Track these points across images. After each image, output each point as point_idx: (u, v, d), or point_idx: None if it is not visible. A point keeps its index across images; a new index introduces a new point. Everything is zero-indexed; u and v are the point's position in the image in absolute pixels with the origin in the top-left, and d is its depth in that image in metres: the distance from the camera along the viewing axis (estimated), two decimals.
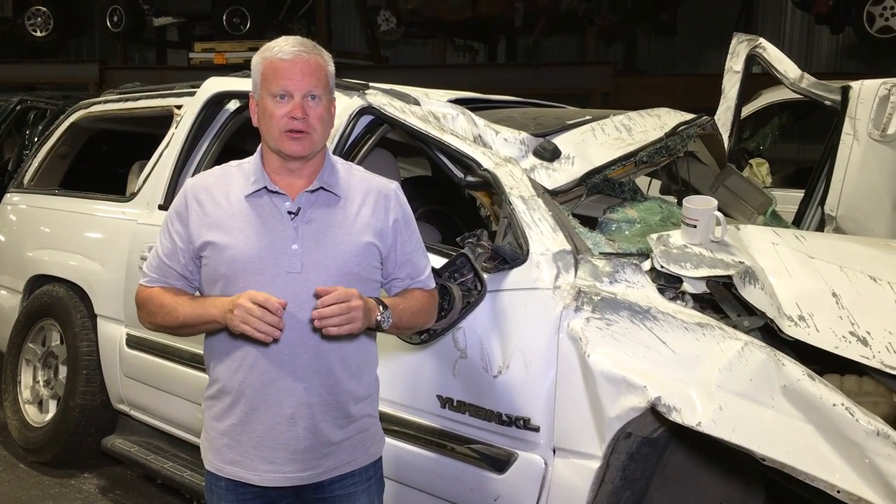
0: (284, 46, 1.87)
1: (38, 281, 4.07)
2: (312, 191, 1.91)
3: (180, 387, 3.25)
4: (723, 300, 2.29)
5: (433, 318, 2.12)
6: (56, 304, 3.87)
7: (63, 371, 3.86)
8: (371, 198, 1.96)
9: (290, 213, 1.89)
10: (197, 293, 1.98)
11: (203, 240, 1.89)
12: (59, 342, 3.93)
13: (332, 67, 1.94)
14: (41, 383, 4.01)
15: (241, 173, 1.95)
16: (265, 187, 1.90)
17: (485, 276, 2.34)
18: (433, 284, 2.09)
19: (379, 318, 1.85)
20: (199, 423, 2.07)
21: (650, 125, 3.19)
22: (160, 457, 3.45)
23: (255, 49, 2.02)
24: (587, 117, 3.12)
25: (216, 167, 2.02)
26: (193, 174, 3.06)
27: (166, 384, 3.35)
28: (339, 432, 1.93)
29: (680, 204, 2.84)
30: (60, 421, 3.75)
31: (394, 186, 2.02)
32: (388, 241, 1.96)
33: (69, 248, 3.90)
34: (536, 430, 2.25)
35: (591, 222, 2.81)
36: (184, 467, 3.32)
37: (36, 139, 6.27)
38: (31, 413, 3.98)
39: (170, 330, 1.97)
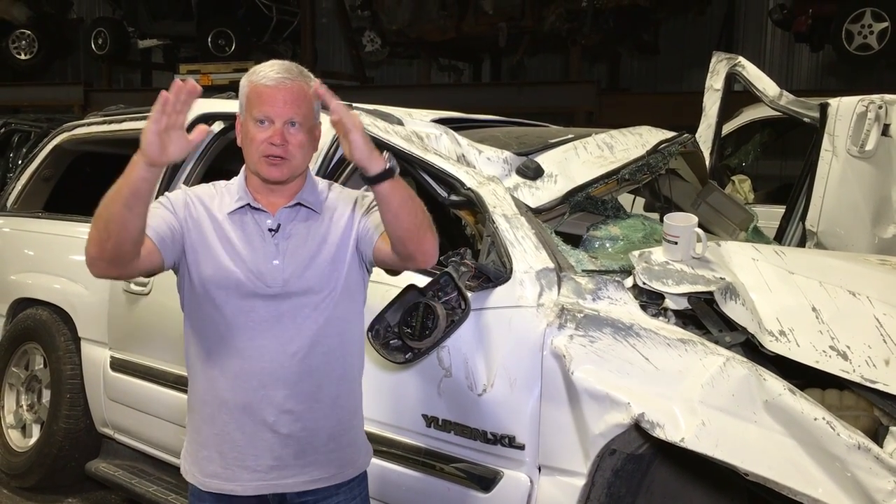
0: (269, 72, 1.88)
1: (22, 304, 4.04)
2: (292, 206, 1.94)
3: (165, 410, 3.23)
4: (704, 316, 2.30)
5: (435, 235, 1.91)
6: (39, 328, 3.85)
7: (46, 395, 3.83)
8: (343, 205, 2.00)
9: (270, 230, 1.92)
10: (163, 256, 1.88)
11: (190, 236, 1.90)
12: (42, 366, 3.90)
13: None
14: (24, 408, 3.97)
15: (227, 192, 1.98)
16: (248, 204, 1.93)
17: (469, 294, 2.34)
18: None
19: (387, 156, 1.76)
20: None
21: (632, 143, 3.22)
22: (145, 480, 3.42)
23: (241, 70, 2.05)
24: (570, 136, 3.15)
25: (205, 184, 2.04)
26: None
27: (151, 407, 3.33)
28: (324, 441, 1.93)
29: (662, 221, 2.87)
30: (44, 445, 3.72)
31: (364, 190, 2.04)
32: (354, 221, 1.96)
33: (53, 271, 3.88)
34: (522, 447, 2.25)
35: (574, 240, 2.83)
36: (169, 490, 3.29)
37: (20, 162, 6.27)
38: (14, 438, 3.94)
39: (101, 220, 1.71)
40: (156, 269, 1.89)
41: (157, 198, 1.92)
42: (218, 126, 3.48)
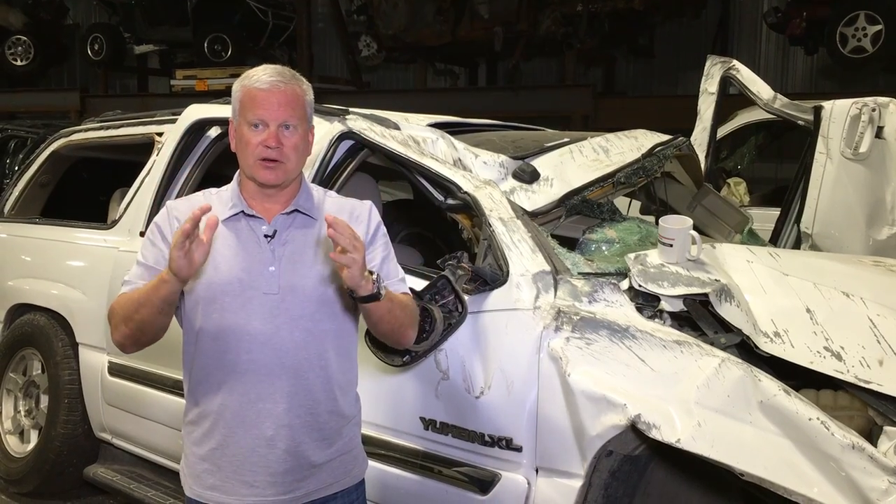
0: (262, 76, 1.90)
1: (20, 310, 4.04)
2: (288, 213, 1.94)
3: (163, 414, 3.24)
4: (699, 318, 2.32)
5: (416, 325, 2.05)
6: (37, 333, 3.85)
7: (44, 400, 3.83)
8: (343, 217, 1.98)
9: (266, 236, 1.92)
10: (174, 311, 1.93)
11: None
12: (40, 371, 3.90)
13: (310, 96, 1.96)
14: (22, 413, 3.97)
15: (218, 199, 1.97)
16: (242, 211, 1.93)
17: (465, 297, 2.35)
18: (407, 290, 2.05)
19: (374, 279, 1.79)
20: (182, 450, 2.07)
21: (627, 147, 3.24)
22: (143, 485, 3.42)
23: (237, 76, 2.05)
24: (565, 140, 3.16)
25: (196, 192, 2.05)
26: None
27: (149, 411, 3.33)
28: (321, 454, 1.94)
29: (658, 224, 2.88)
30: (42, 451, 3.72)
31: (368, 205, 2.04)
32: None
33: (50, 277, 3.88)
34: (519, 450, 2.26)
35: (570, 243, 2.85)
36: (167, 495, 3.30)
37: (17, 168, 6.27)
38: (12, 443, 3.94)
39: (133, 322, 1.85)
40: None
41: (146, 227, 1.95)
42: (214, 131, 3.50)
